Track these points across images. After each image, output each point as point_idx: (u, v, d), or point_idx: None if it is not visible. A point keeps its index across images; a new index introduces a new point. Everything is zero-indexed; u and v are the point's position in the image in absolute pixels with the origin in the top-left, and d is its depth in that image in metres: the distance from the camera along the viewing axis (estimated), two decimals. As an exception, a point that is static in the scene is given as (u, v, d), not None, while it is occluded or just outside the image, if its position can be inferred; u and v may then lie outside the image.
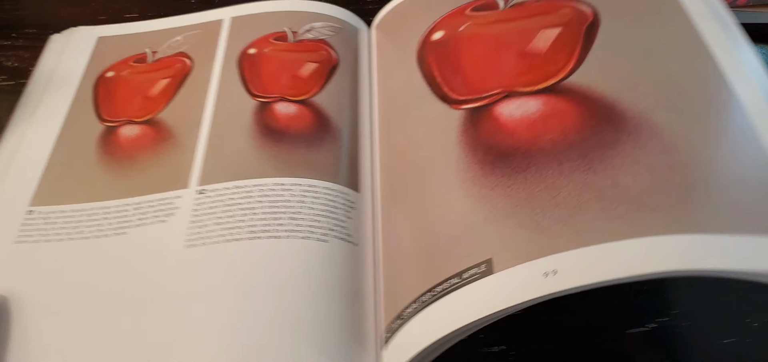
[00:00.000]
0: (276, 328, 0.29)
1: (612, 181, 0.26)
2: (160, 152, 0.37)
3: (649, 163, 0.26)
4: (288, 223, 0.32)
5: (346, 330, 0.29)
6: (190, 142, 0.37)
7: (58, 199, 0.35)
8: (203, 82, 0.41)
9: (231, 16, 0.45)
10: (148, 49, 0.44)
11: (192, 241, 0.32)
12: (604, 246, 0.24)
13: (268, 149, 0.36)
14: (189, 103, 0.39)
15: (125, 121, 0.39)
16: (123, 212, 0.34)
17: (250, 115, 0.38)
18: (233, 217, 0.33)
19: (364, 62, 0.43)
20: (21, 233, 0.34)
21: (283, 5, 0.45)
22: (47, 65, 0.43)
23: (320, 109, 0.38)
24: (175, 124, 0.38)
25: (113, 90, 0.41)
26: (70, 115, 0.40)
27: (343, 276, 0.31)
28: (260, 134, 0.37)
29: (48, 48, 0.45)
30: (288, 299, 0.30)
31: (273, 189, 0.34)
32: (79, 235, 0.34)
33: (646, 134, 0.27)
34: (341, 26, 0.44)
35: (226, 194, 0.34)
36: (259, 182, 0.34)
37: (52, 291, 0.31)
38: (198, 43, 0.43)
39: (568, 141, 0.28)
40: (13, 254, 0.33)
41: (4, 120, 0.42)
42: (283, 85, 0.39)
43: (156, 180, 0.36)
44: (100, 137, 0.38)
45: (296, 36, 0.42)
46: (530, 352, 0.32)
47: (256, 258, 0.31)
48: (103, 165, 0.37)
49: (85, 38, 0.45)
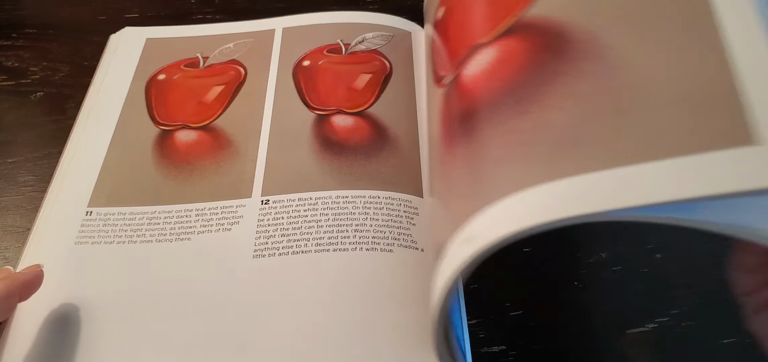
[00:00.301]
0: (346, 339, 0.29)
1: (542, 120, 0.22)
2: (220, 159, 0.37)
3: (582, 91, 0.22)
4: (353, 235, 0.33)
5: (415, 336, 0.30)
6: (250, 151, 0.37)
7: (115, 201, 0.35)
8: (259, 91, 0.41)
9: (283, 26, 0.45)
10: (200, 55, 0.44)
11: (259, 251, 0.33)
12: (516, 196, 0.20)
13: (329, 162, 0.36)
14: (246, 112, 0.40)
15: (181, 125, 0.39)
16: (185, 218, 0.34)
17: (309, 128, 0.38)
18: (299, 229, 0.33)
19: (420, 65, 0.43)
20: (81, 233, 0.34)
21: (333, 17, 0.45)
22: (105, 64, 0.44)
23: (377, 119, 0.39)
24: (233, 132, 0.39)
25: (166, 93, 0.41)
26: (123, 115, 0.40)
27: (409, 283, 0.31)
28: (320, 146, 0.37)
29: (108, 47, 0.45)
30: (357, 310, 0.30)
31: (336, 201, 0.34)
32: (140, 238, 0.34)
33: (590, 58, 0.23)
34: (392, 33, 0.44)
35: (290, 206, 0.34)
36: (322, 195, 0.34)
37: (115, 294, 0.32)
38: (250, 52, 0.44)
39: (505, 89, 0.25)
40: (74, 255, 0.33)
41: (4, 120, 0.42)
42: (339, 97, 0.40)
43: (218, 187, 0.36)
44: (156, 140, 0.38)
45: (348, 48, 0.43)
46: (530, 352, 0.32)
47: (324, 270, 0.32)
48: (161, 169, 0.37)
49: (134, 39, 0.45)
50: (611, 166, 0.19)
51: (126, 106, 0.41)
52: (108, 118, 0.40)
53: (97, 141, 0.39)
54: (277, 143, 0.38)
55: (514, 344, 0.32)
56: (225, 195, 0.35)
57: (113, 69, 0.43)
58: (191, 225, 0.34)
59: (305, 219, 0.33)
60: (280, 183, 0.36)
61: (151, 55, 0.44)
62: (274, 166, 0.36)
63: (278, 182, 0.36)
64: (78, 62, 0.46)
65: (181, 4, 0.50)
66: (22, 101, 0.43)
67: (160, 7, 0.50)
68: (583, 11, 0.24)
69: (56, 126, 0.41)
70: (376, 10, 0.45)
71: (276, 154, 0.37)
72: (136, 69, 0.43)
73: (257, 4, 0.50)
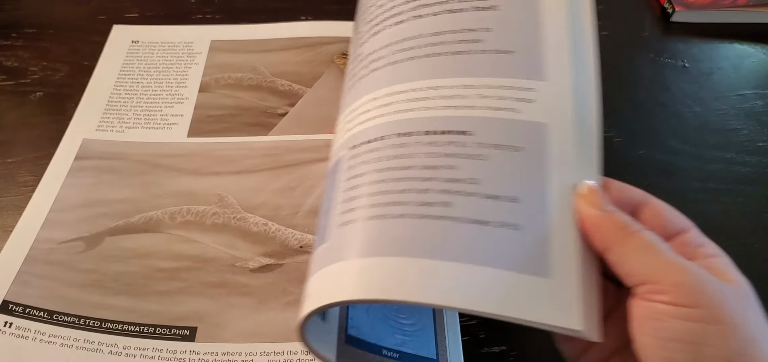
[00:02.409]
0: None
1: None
2: None
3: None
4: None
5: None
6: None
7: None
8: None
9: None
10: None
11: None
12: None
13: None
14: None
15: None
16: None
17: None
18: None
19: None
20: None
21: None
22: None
23: None
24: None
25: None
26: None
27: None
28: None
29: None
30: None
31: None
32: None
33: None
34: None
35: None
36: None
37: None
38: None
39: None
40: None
41: (4, 120, 0.42)
42: None
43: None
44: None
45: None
46: (530, 352, 0.32)
47: None
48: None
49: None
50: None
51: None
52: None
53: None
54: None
55: (514, 344, 0.32)
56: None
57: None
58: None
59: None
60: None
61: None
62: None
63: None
64: (77, 62, 0.46)
65: (181, 3, 0.50)
66: (21, 101, 0.43)
67: (159, 6, 0.50)
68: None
69: (56, 126, 0.41)
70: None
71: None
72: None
73: (257, 4, 0.50)
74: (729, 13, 0.48)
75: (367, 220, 0.23)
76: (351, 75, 0.30)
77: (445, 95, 0.26)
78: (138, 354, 0.30)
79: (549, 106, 0.25)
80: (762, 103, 0.44)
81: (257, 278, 0.33)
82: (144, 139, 0.40)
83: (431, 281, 0.21)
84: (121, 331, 0.31)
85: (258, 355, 0.30)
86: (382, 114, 0.26)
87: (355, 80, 0.29)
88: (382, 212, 0.23)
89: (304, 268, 0.33)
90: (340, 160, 0.26)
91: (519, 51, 0.26)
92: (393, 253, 0.22)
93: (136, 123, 0.41)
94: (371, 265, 0.22)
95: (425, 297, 0.21)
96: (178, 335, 0.31)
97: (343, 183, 0.25)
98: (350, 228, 0.23)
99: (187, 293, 0.32)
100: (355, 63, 0.30)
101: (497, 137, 0.24)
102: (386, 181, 0.24)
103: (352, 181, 0.25)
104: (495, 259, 0.21)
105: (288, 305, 0.32)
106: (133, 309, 0.31)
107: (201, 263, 0.33)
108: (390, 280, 0.22)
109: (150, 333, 0.31)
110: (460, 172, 0.24)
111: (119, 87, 0.43)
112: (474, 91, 0.26)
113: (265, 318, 0.31)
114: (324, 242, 0.24)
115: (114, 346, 0.30)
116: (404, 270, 0.22)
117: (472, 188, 0.23)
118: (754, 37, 0.48)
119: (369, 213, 0.23)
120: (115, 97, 0.42)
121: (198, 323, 0.31)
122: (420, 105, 0.26)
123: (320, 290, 0.23)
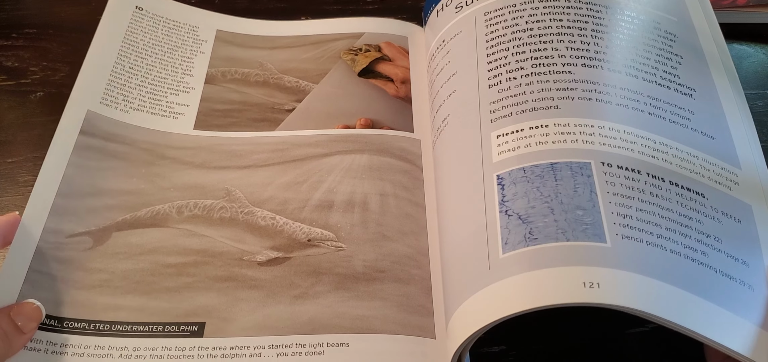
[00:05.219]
0: None
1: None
2: None
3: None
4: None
5: None
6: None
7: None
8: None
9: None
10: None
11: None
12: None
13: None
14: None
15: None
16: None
17: None
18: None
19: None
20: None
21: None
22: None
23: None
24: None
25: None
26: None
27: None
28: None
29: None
30: None
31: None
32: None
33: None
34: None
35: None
36: None
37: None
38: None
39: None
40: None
41: (4, 120, 0.42)
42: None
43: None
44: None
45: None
46: (530, 352, 0.32)
47: None
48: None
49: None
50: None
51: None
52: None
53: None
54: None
55: (514, 344, 0.32)
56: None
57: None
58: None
59: None
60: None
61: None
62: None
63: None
64: (78, 62, 0.45)
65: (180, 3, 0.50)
66: (21, 101, 0.43)
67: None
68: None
69: (56, 126, 0.41)
70: (376, 9, 0.45)
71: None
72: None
73: (257, 4, 0.50)
74: (728, 13, 0.49)
75: (649, 245, 0.26)
76: (546, 72, 0.33)
77: (677, 156, 0.30)
78: (148, 354, 0.29)
79: (749, 191, 0.30)
80: (762, 103, 0.44)
81: (265, 271, 0.32)
82: (149, 125, 0.39)
83: (701, 315, 0.25)
84: (130, 333, 0.30)
85: (266, 348, 0.30)
86: (629, 148, 0.29)
87: (565, 91, 0.32)
88: (659, 242, 0.26)
89: (311, 261, 0.33)
90: (586, 166, 0.29)
91: (718, 138, 0.31)
92: (668, 281, 0.25)
93: (141, 105, 0.40)
94: (652, 284, 0.25)
95: (697, 327, 0.24)
96: (186, 332, 0.30)
97: (604, 195, 0.28)
98: (633, 244, 0.26)
99: (195, 288, 0.32)
100: (559, 73, 0.33)
101: (724, 206, 0.29)
102: (652, 213, 0.27)
103: (617, 198, 0.28)
104: (743, 312, 0.25)
105: (296, 298, 0.31)
106: (142, 307, 0.31)
107: (209, 257, 0.33)
108: (669, 303, 0.25)
109: (159, 332, 0.30)
110: (706, 228, 0.27)
111: (123, 58, 0.41)
112: (698, 161, 0.30)
113: (273, 311, 0.31)
114: (593, 240, 0.26)
115: (124, 349, 0.30)
116: (681, 299, 0.25)
117: (718, 245, 0.27)
118: (753, 37, 0.49)
119: (650, 239, 0.26)
120: (118, 68, 0.41)
121: (206, 318, 0.31)
122: (659, 156, 0.30)
123: (611, 282, 0.25)
